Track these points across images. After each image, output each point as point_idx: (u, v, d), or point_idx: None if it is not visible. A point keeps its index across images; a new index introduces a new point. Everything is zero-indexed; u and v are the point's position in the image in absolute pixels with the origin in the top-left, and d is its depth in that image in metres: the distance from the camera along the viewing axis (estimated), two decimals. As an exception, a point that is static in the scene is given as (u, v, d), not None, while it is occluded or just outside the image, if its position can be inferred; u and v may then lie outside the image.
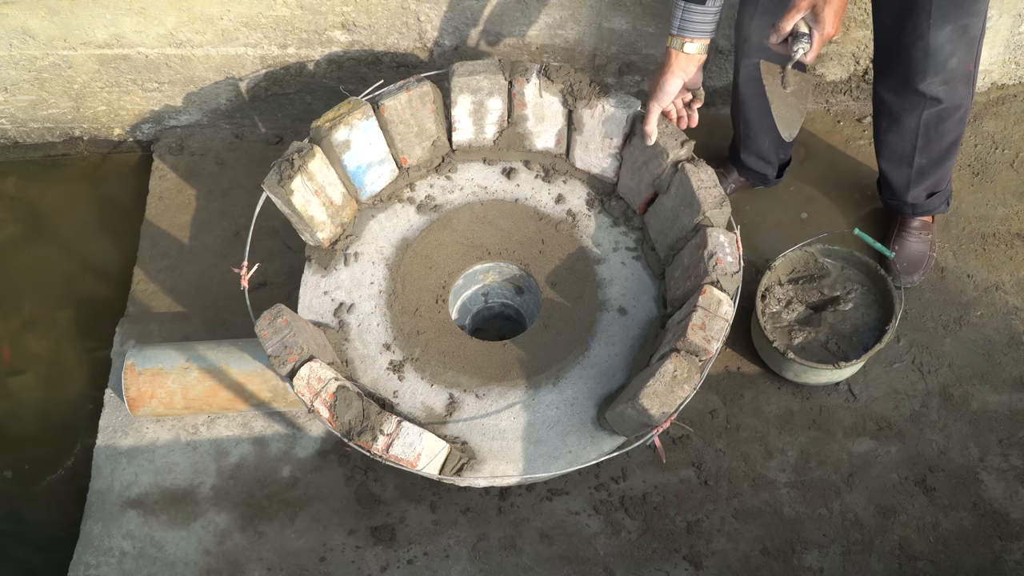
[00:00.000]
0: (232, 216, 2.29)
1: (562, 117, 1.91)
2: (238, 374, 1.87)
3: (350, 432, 1.55)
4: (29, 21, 2.08)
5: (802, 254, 2.00)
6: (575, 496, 1.92)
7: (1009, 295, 2.11)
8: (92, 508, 1.93)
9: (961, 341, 2.07)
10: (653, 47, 2.19)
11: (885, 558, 1.86)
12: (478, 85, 1.87)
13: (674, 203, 1.80)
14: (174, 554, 1.89)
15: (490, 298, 2.04)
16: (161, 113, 2.39)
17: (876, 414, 2.00)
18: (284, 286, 2.13)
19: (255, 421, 2.00)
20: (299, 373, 1.56)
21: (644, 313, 1.82)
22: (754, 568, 1.86)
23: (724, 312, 1.60)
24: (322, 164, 1.80)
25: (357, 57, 2.23)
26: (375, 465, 1.92)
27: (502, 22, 2.13)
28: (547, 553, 1.87)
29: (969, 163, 2.27)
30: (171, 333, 2.12)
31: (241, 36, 2.15)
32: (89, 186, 2.47)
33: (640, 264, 1.88)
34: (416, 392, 1.74)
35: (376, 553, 1.87)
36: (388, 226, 1.93)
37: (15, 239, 2.40)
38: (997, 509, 1.90)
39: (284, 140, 2.42)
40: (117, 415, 2.02)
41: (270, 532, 1.90)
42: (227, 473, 1.96)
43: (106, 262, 2.34)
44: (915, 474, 1.94)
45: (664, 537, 1.88)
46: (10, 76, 2.24)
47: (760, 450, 1.97)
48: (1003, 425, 1.98)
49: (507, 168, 1.98)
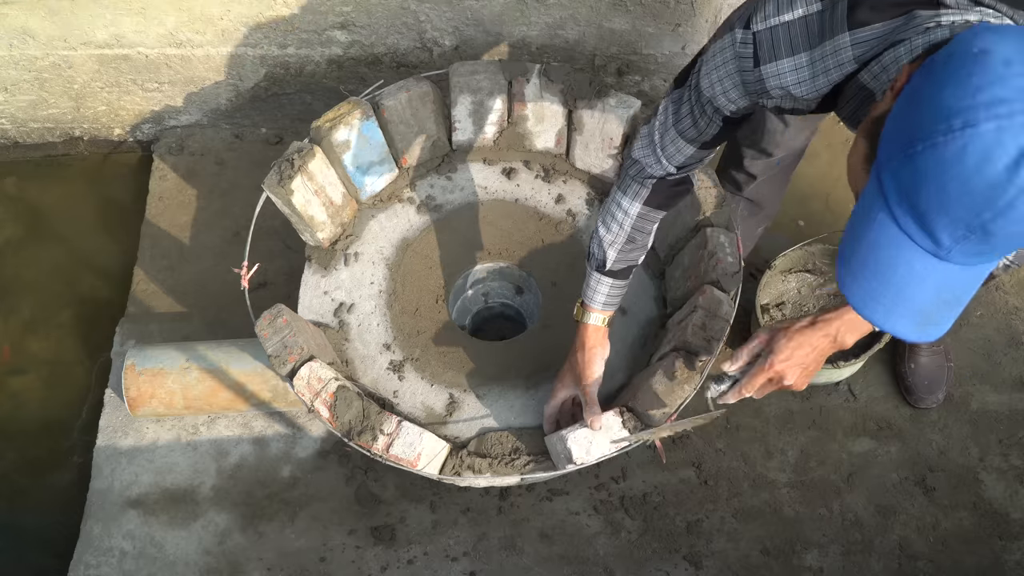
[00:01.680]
0: (232, 216, 2.29)
1: (562, 117, 1.91)
2: (238, 374, 1.87)
3: (350, 432, 1.55)
4: (29, 21, 2.08)
5: (802, 253, 2.00)
6: (575, 496, 1.92)
7: (1009, 295, 2.11)
8: (92, 508, 1.93)
9: (961, 341, 2.07)
10: (653, 47, 2.19)
11: (885, 558, 1.86)
12: (478, 85, 1.87)
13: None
14: (174, 554, 1.89)
15: (490, 298, 2.04)
16: (161, 113, 2.39)
17: (876, 414, 2.00)
18: (284, 286, 2.13)
19: (255, 421, 2.00)
20: (299, 373, 1.56)
21: (644, 313, 1.82)
22: (754, 568, 1.86)
23: (724, 312, 1.60)
24: (322, 164, 1.80)
25: (357, 57, 2.23)
26: (375, 465, 1.92)
27: (502, 22, 2.13)
28: (547, 553, 1.87)
29: (969, 163, 2.27)
30: (171, 333, 2.12)
31: (241, 36, 2.15)
32: (89, 186, 2.47)
33: (640, 264, 1.87)
34: (416, 392, 1.74)
35: (376, 553, 1.87)
36: (388, 226, 1.93)
37: (15, 239, 2.40)
38: (997, 509, 1.90)
39: (284, 140, 2.42)
40: (117, 415, 2.02)
41: (270, 532, 1.90)
42: (227, 473, 1.96)
43: (106, 262, 2.34)
44: (915, 474, 1.94)
45: (664, 537, 1.88)
46: (10, 76, 2.24)
47: (760, 450, 1.97)
48: (1003, 425, 1.98)
49: (507, 168, 1.98)
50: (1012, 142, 0.76)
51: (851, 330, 1.35)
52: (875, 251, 0.87)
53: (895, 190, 0.84)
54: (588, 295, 1.53)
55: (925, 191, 0.81)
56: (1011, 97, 0.77)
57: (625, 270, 1.51)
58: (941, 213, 0.81)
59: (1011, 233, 0.80)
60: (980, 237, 0.80)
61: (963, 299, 0.91)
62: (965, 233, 0.81)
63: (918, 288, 0.87)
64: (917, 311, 0.89)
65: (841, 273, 0.93)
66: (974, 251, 0.83)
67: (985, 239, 0.81)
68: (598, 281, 1.51)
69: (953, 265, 0.85)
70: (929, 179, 0.80)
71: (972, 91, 0.78)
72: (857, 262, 0.89)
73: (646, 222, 1.45)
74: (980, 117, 0.77)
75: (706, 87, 1.16)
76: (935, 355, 2.00)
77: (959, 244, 0.82)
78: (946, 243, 0.82)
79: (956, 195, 0.79)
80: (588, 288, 1.53)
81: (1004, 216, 0.78)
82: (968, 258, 0.84)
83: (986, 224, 0.79)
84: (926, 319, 0.90)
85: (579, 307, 1.56)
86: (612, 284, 1.51)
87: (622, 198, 1.43)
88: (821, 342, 1.35)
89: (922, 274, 0.86)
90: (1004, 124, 0.76)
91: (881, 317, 0.90)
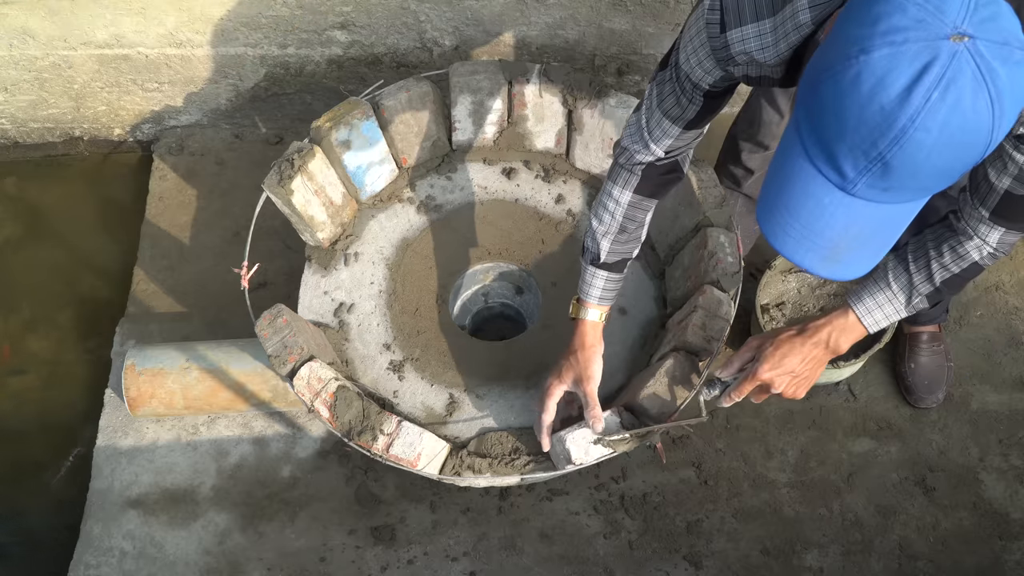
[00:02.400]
0: (232, 216, 2.29)
1: (562, 117, 1.91)
2: (238, 374, 1.87)
3: (350, 432, 1.55)
4: (29, 21, 2.08)
5: (802, 254, 2.00)
6: (575, 496, 1.92)
7: (1009, 295, 2.11)
8: (92, 508, 1.93)
9: (961, 341, 2.07)
10: (653, 47, 2.19)
11: (885, 558, 1.86)
12: (478, 85, 1.87)
13: (674, 203, 1.80)
14: (174, 554, 1.89)
15: (490, 298, 2.04)
16: (161, 113, 2.39)
17: (876, 414, 2.00)
18: (284, 286, 2.13)
19: (255, 421, 2.00)
20: (299, 373, 1.56)
21: (644, 313, 1.82)
22: (754, 568, 1.86)
23: (724, 312, 1.60)
24: (322, 164, 1.80)
25: (357, 57, 2.23)
26: (375, 465, 1.92)
27: (502, 22, 2.13)
28: (547, 553, 1.87)
29: (969, 163, 2.27)
30: (171, 333, 2.12)
31: (241, 36, 2.15)
32: (89, 186, 2.47)
33: (640, 264, 1.88)
34: (416, 392, 1.74)
35: (376, 553, 1.87)
36: (388, 226, 1.93)
37: (15, 239, 2.40)
38: (997, 509, 1.90)
39: (284, 140, 2.42)
40: (117, 415, 2.02)
41: (270, 532, 1.90)
42: (227, 473, 1.96)
43: (106, 262, 2.34)
44: (915, 474, 1.94)
45: (664, 537, 1.88)
46: (10, 76, 2.24)
47: (760, 450, 1.97)
48: (1003, 425, 1.98)
49: (507, 168, 1.98)
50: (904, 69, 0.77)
51: (843, 334, 1.34)
52: (788, 184, 0.90)
53: (805, 121, 0.87)
54: (584, 290, 1.52)
55: (827, 120, 0.83)
56: (907, 26, 0.78)
57: (619, 263, 1.50)
58: (841, 142, 0.83)
59: (909, 166, 0.81)
60: (881, 169, 0.82)
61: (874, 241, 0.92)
62: (866, 164, 0.82)
63: (827, 222, 0.90)
64: (824, 246, 0.92)
65: (759, 207, 0.95)
66: (879, 186, 0.84)
67: (886, 172, 0.82)
68: (593, 275, 1.50)
69: (861, 200, 0.87)
70: (829, 108, 0.83)
71: (872, 20, 0.80)
72: (772, 195, 0.93)
73: (637, 211, 1.44)
74: (875, 44, 0.79)
75: (683, 61, 1.17)
76: (935, 355, 2.00)
77: (863, 177, 0.84)
78: (850, 175, 0.84)
79: (854, 123, 0.81)
80: (583, 283, 1.52)
81: (898, 145, 0.80)
82: (875, 194, 0.86)
83: (883, 154, 0.81)
84: (834, 255, 0.93)
85: (575, 304, 1.55)
86: (607, 278, 1.50)
87: (612, 187, 1.42)
88: (812, 351, 1.35)
89: (831, 208, 0.88)
90: (897, 51, 0.78)
91: (790, 249, 0.93)
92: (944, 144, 0.79)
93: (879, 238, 0.93)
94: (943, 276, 1.25)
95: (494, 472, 1.60)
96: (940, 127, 0.78)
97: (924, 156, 0.80)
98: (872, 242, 0.93)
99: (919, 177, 0.83)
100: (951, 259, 1.23)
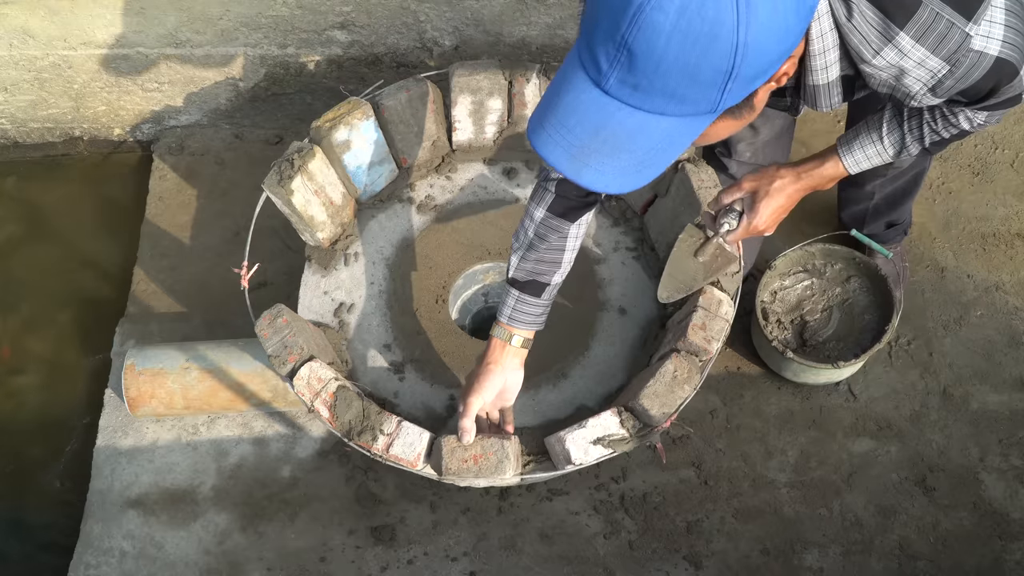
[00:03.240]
0: (232, 216, 2.29)
1: (562, 117, 1.91)
2: (238, 374, 1.87)
3: (350, 432, 1.55)
4: (29, 21, 2.08)
5: (802, 254, 2.00)
6: (575, 496, 1.92)
7: (1009, 295, 2.11)
8: (92, 508, 1.93)
9: (961, 341, 2.07)
10: (653, 47, 2.19)
11: (885, 558, 1.86)
12: (478, 85, 1.87)
13: (674, 204, 1.80)
14: (174, 554, 1.89)
15: (490, 298, 2.04)
16: (161, 113, 2.39)
17: (876, 414, 2.00)
18: (284, 286, 2.13)
19: (255, 421, 2.00)
20: (299, 373, 1.56)
21: (644, 313, 1.82)
22: (754, 568, 1.86)
23: (724, 312, 1.60)
24: (322, 164, 1.80)
25: (357, 57, 2.23)
26: (375, 465, 1.92)
27: (502, 22, 2.13)
28: (547, 553, 1.87)
29: (969, 163, 2.27)
30: (171, 333, 2.12)
31: (241, 36, 2.15)
32: (89, 186, 2.47)
33: (640, 264, 1.88)
34: (416, 392, 1.74)
35: (376, 553, 1.87)
36: (388, 226, 1.93)
37: (15, 239, 2.40)
38: (997, 509, 1.90)
39: (284, 140, 2.42)
40: (117, 415, 2.02)
41: (270, 532, 1.90)
42: (227, 473, 1.96)
43: (106, 262, 2.34)
44: (915, 474, 1.94)
45: (664, 537, 1.88)
46: (10, 76, 2.24)
47: (760, 450, 1.97)
48: (1003, 425, 1.98)
49: (507, 168, 1.98)
50: None
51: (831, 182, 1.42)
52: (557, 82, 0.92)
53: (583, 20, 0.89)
54: (499, 307, 1.51)
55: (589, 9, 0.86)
56: None
57: (531, 284, 1.48)
58: (597, 28, 0.84)
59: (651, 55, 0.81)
60: (627, 58, 0.83)
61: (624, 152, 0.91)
62: (615, 52, 0.83)
63: (578, 119, 0.90)
64: (573, 143, 0.91)
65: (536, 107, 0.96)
66: (629, 81, 0.85)
67: (631, 62, 0.83)
68: (507, 292, 1.50)
69: (615, 102, 0.87)
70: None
71: None
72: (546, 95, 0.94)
73: (549, 231, 1.43)
74: None
75: None
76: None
77: (614, 70, 0.84)
78: (604, 67, 0.85)
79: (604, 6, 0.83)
80: (500, 300, 1.52)
81: (637, 26, 0.80)
82: (626, 92, 0.86)
83: (625, 38, 0.81)
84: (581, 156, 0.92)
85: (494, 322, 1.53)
86: (518, 298, 1.48)
87: (530, 203, 1.44)
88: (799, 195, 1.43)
89: (586, 104, 0.89)
90: None
91: (542, 142, 0.93)
92: (683, 32, 0.79)
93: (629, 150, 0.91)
94: (933, 139, 1.31)
95: (494, 472, 1.60)
96: (678, 10, 0.79)
97: (664, 43, 0.80)
98: (621, 153, 0.91)
99: (663, 74, 0.83)
100: (943, 126, 1.28)
